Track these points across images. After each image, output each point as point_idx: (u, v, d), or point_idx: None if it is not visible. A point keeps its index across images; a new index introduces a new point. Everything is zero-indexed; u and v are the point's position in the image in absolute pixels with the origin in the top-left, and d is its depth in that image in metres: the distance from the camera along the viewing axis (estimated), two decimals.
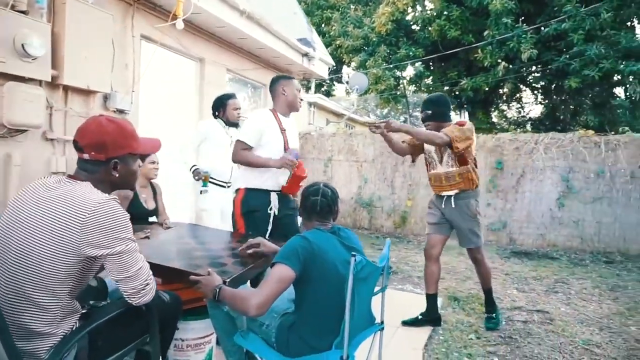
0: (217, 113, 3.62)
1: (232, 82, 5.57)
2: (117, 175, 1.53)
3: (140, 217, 3.24)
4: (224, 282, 1.81)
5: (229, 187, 3.60)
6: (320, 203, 1.96)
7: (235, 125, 3.62)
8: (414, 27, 14.25)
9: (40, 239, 1.35)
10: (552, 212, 6.87)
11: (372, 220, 8.16)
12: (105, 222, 1.37)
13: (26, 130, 2.93)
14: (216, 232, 2.68)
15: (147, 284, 1.50)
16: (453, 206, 3.18)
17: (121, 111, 3.67)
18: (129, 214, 1.50)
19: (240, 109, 3.62)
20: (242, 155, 2.73)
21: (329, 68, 7.11)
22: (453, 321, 3.42)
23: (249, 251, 2.16)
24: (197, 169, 3.44)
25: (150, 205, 3.33)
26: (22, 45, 2.73)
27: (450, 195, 3.19)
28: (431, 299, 3.32)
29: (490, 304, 3.40)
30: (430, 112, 3.20)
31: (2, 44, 2.68)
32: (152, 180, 3.41)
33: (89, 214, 1.36)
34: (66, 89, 3.20)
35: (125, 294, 1.48)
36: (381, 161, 8.06)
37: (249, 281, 2.15)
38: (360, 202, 8.13)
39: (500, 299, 4.09)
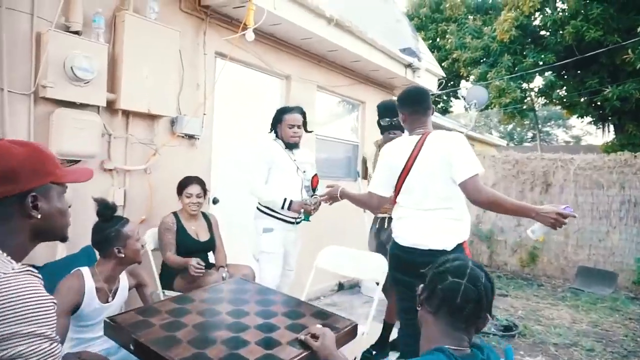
0: (276, 132, 3.08)
1: (324, 100, 5.03)
2: (38, 217, 1.05)
3: (193, 251, 2.84)
4: None
5: (297, 223, 3.01)
6: (465, 294, 1.14)
7: (294, 146, 3.05)
8: (542, 32, 12.61)
9: None
10: None
11: (493, 256, 6.92)
12: (4, 307, 0.88)
13: (78, 161, 2.66)
14: (276, 296, 2.02)
15: None
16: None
17: (190, 136, 3.31)
18: (53, 302, 0.97)
19: (297, 127, 3.01)
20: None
21: (439, 80, 6.22)
22: None
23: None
24: (291, 200, 2.88)
25: (202, 236, 2.92)
26: (71, 68, 2.46)
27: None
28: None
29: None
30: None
31: (51, 68, 2.43)
32: (204, 212, 3.01)
33: None
34: (126, 113, 2.90)
35: None
36: (504, 186, 6.83)
37: None
38: (479, 234, 6.95)
39: None
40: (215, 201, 3.68)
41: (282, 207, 2.89)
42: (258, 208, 3.06)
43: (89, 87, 2.58)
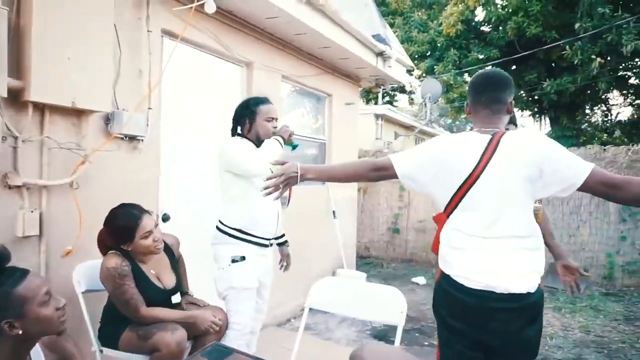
0: (241, 129, 2.42)
1: (289, 92, 4.39)
2: None
3: (159, 301, 2.10)
4: None
5: (271, 245, 2.42)
6: None
7: None
8: (485, 27, 12.82)
9: None
10: None
11: None
12: None
13: None
14: None
15: None
16: None
17: (132, 137, 2.54)
18: None
19: (275, 121, 2.43)
20: None
21: (408, 71, 5.78)
22: None
23: None
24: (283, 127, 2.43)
25: (167, 282, 2.17)
26: None
27: None
28: None
29: None
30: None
31: None
32: (165, 241, 2.24)
33: None
34: (40, 108, 2.09)
35: None
36: None
37: None
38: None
39: None
40: (165, 218, 2.93)
41: (282, 145, 2.38)
42: (220, 229, 2.35)
43: None
